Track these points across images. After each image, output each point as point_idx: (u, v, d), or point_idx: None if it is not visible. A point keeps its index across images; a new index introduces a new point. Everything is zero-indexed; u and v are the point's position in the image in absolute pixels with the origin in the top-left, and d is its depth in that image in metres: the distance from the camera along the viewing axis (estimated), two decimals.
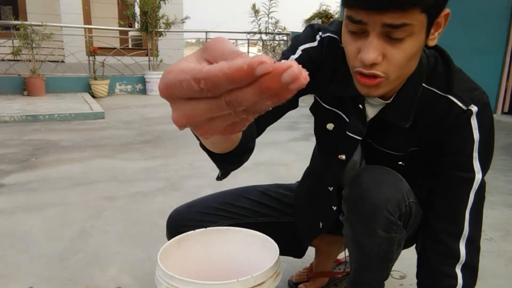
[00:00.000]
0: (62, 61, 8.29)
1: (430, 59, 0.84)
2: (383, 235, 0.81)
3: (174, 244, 1.10)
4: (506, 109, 5.34)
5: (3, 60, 7.27)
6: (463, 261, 0.85)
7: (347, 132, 0.88)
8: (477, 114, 0.80)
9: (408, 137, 0.86)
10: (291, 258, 1.38)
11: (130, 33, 11.13)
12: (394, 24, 0.67)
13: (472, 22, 5.52)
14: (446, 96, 0.82)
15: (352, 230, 0.85)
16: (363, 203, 0.81)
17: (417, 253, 0.95)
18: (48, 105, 5.63)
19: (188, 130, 0.38)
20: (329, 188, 1.01)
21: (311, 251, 1.37)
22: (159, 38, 8.27)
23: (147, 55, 8.44)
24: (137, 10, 8.45)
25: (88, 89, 7.47)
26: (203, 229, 1.15)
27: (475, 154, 0.81)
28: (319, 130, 0.99)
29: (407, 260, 1.00)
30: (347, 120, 0.89)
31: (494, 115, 5.57)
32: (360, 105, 0.85)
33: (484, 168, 0.83)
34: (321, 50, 0.86)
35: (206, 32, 8.90)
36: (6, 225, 1.89)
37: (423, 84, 0.82)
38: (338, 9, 8.93)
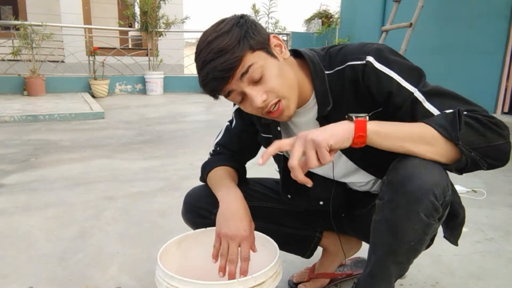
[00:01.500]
0: (62, 61, 8.30)
1: (322, 54, 0.98)
2: (424, 219, 0.81)
3: (174, 244, 1.10)
4: (506, 109, 5.34)
5: (3, 60, 7.27)
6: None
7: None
8: (376, 59, 0.89)
9: (351, 111, 0.90)
10: (291, 258, 1.38)
11: (130, 33, 11.14)
12: (244, 72, 0.85)
13: (472, 22, 5.52)
14: (346, 66, 0.93)
15: (393, 212, 0.83)
16: (411, 183, 0.80)
17: None
18: (48, 105, 5.63)
19: (188, 130, 0.38)
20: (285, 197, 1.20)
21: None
22: (159, 38, 8.27)
23: (147, 55, 8.44)
24: (137, 10, 8.45)
25: (88, 89, 7.47)
26: (203, 229, 1.15)
27: (404, 83, 0.88)
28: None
29: None
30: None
31: (494, 115, 5.59)
32: (278, 127, 1.05)
33: (416, 81, 0.89)
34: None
35: None
36: (6, 225, 1.89)
37: (326, 72, 0.95)
38: (338, 9, 8.94)
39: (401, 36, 5.11)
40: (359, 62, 0.91)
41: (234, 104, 1.15)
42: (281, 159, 1.12)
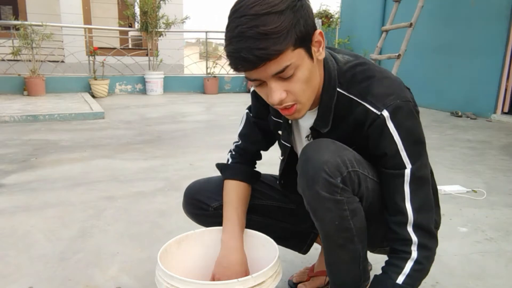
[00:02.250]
0: (62, 61, 8.30)
1: (344, 70, 0.92)
2: (327, 196, 0.84)
3: (174, 244, 1.10)
4: (506, 109, 5.34)
5: (3, 60, 7.27)
6: (416, 242, 0.90)
7: (281, 140, 1.10)
8: (391, 117, 0.86)
9: (342, 138, 0.93)
10: (291, 258, 1.38)
11: (130, 33, 11.14)
12: (279, 70, 0.78)
13: (472, 22, 5.52)
14: (362, 103, 0.89)
15: (304, 196, 0.88)
16: (307, 167, 0.86)
17: None
18: (48, 105, 5.63)
19: (188, 130, 0.38)
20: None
21: (312, 253, 1.38)
22: (159, 38, 8.27)
23: (147, 55, 8.44)
24: (137, 10, 8.45)
25: (88, 89, 7.48)
26: (203, 229, 1.15)
27: (402, 153, 0.87)
28: (276, 136, 1.16)
29: None
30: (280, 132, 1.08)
31: (494, 115, 5.53)
32: (289, 121, 1.04)
33: (414, 159, 0.88)
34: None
35: (206, 32, 8.91)
36: (6, 225, 1.89)
37: (339, 90, 0.91)
38: (338, 9, 8.94)
39: (401, 36, 5.11)
40: (374, 110, 0.87)
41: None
42: (287, 150, 1.12)
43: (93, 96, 7.08)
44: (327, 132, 0.96)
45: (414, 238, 0.89)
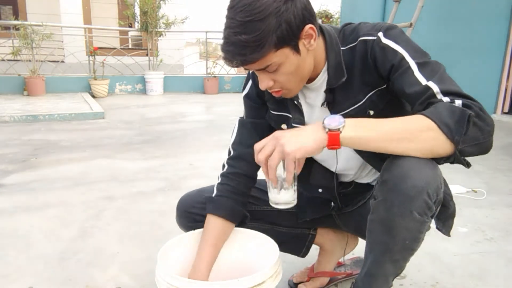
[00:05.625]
0: (62, 61, 8.30)
1: (338, 30, 0.99)
2: (417, 218, 0.82)
3: (174, 244, 1.10)
4: (506, 109, 5.34)
5: (3, 60, 7.27)
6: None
7: (292, 124, 1.06)
8: (385, 35, 0.91)
9: (357, 88, 0.96)
10: (291, 258, 1.38)
11: (130, 33, 11.14)
12: (261, 68, 0.87)
13: (472, 22, 5.52)
14: (358, 41, 0.94)
15: (387, 211, 0.84)
16: (405, 182, 0.81)
17: None
18: (48, 105, 5.63)
19: (188, 130, 0.38)
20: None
21: (313, 253, 1.38)
22: (159, 38, 8.27)
23: (147, 55, 8.44)
24: (137, 10, 8.45)
25: (88, 89, 7.48)
26: (203, 229, 1.15)
27: (405, 56, 0.88)
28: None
29: None
30: (291, 116, 1.07)
31: (494, 115, 5.53)
32: (295, 101, 1.03)
33: (424, 72, 0.87)
34: (255, 83, 1.09)
35: (206, 32, 8.91)
36: (6, 225, 1.89)
37: (342, 48, 0.96)
38: (338, 9, 8.94)
39: None
40: (370, 38, 0.92)
41: (242, 90, 1.15)
42: None
43: (93, 96, 7.08)
44: (344, 86, 0.96)
45: (447, 98, 0.83)
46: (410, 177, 0.81)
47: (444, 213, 0.99)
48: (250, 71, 1.09)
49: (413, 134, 0.80)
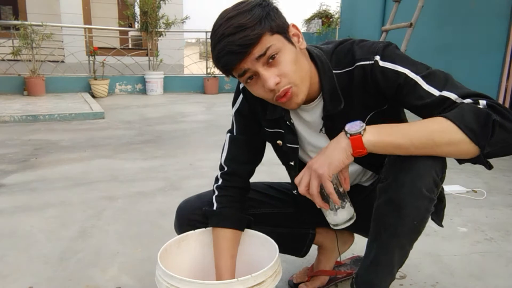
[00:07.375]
0: (62, 61, 8.29)
1: (330, 53, 0.98)
2: (426, 195, 0.85)
3: (174, 244, 1.10)
4: None
5: (3, 60, 7.27)
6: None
7: (286, 144, 1.08)
8: (382, 58, 0.91)
9: (357, 112, 0.96)
10: (291, 258, 1.38)
11: (130, 33, 11.13)
12: (262, 54, 0.84)
13: (472, 21, 5.52)
14: (355, 67, 0.94)
15: (397, 190, 0.86)
16: (415, 161, 0.84)
17: None
18: (48, 105, 5.63)
19: (188, 130, 0.38)
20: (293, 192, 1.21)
21: (312, 253, 1.38)
22: (159, 38, 8.27)
23: (147, 55, 8.44)
24: (137, 10, 8.45)
25: (88, 89, 7.48)
26: (203, 229, 1.15)
27: (408, 73, 0.88)
28: (273, 147, 1.16)
29: (407, 260, 1.00)
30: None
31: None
32: (287, 122, 1.04)
33: (433, 83, 0.87)
34: (246, 98, 1.10)
35: (206, 32, 8.90)
36: (6, 225, 1.89)
37: (334, 72, 0.96)
38: (338, 9, 8.94)
39: (401, 36, 5.11)
40: (368, 62, 0.92)
41: (233, 106, 1.15)
42: (296, 151, 1.10)
43: (93, 96, 7.07)
44: (343, 112, 0.95)
45: (469, 100, 0.84)
46: (418, 158, 0.84)
47: (439, 205, 1.04)
48: (241, 86, 1.10)
49: (437, 139, 0.82)
